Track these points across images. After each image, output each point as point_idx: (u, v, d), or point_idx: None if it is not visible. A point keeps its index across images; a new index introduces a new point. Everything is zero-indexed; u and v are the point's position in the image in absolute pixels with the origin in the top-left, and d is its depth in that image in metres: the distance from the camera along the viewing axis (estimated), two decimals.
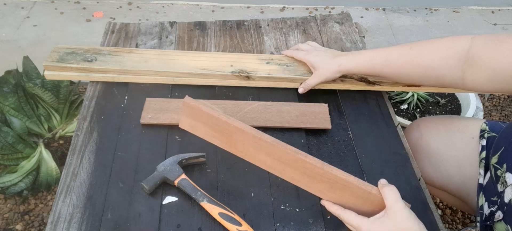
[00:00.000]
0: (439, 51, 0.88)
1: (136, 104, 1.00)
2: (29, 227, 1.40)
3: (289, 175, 0.77)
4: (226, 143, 0.79)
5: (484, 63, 0.81)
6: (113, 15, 2.44)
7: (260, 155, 0.76)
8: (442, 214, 1.51)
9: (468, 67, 0.85)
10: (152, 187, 0.82)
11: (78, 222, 0.78)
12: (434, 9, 2.64)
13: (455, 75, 0.87)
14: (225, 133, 0.78)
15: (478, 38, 0.84)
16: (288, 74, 1.07)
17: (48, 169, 1.44)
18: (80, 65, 1.05)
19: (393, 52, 0.94)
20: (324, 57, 1.02)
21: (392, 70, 0.94)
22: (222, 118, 0.76)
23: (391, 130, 0.99)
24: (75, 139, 0.93)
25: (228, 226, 0.76)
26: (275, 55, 1.15)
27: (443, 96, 1.52)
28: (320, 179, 0.74)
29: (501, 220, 0.80)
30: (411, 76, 0.93)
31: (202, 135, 0.81)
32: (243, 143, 0.77)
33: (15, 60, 1.61)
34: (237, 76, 1.06)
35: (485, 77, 0.82)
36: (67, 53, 1.09)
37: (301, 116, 0.98)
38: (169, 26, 1.28)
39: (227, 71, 1.06)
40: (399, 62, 0.93)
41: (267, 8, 2.58)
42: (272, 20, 1.34)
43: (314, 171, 0.74)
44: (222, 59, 1.11)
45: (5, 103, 1.40)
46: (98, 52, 1.10)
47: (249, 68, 1.08)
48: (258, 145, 0.75)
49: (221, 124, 0.76)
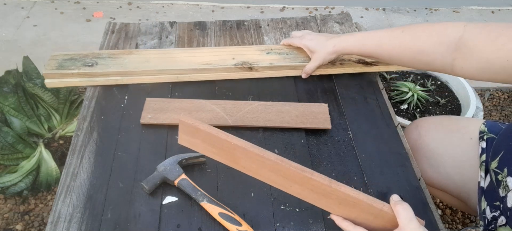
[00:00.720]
0: (430, 37, 0.89)
1: (136, 104, 1.00)
2: (29, 227, 1.40)
3: (296, 191, 0.74)
4: (227, 159, 0.76)
5: (476, 53, 0.82)
6: (113, 15, 2.44)
7: (264, 171, 0.74)
8: (442, 214, 1.51)
9: (458, 55, 0.85)
10: (152, 187, 0.82)
11: (78, 222, 0.78)
12: (434, 9, 2.64)
13: (445, 61, 0.88)
14: (225, 149, 0.75)
15: (471, 26, 0.84)
16: (289, 62, 1.10)
17: (48, 169, 1.44)
18: (82, 70, 1.04)
19: (385, 34, 0.96)
20: (319, 40, 1.07)
21: (383, 52, 0.97)
22: (221, 136, 0.72)
23: (391, 130, 0.99)
24: (75, 139, 0.93)
25: (228, 226, 0.76)
26: (274, 45, 1.18)
27: (443, 96, 1.52)
28: (328, 195, 0.72)
29: (505, 224, 0.80)
30: (402, 58, 0.95)
31: (202, 151, 0.77)
32: (245, 159, 0.74)
33: (15, 60, 1.61)
34: (240, 68, 1.08)
35: (476, 66, 0.83)
36: (66, 59, 1.08)
37: (301, 115, 0.98)
38: (169, 26, 1.28)
39: (230, 64, 1.08)
40: (390, 45, 0.95)
41: (267, 8, 2.58)
42: (272, 20, 1.34)
43: (322, 188, 0.71)
44: (223, 53, 1.12)
45: (5, 103, 1.40)
46: (97, 56, 1.09)
47: (251, 59, 1.10)
48: (261, 162, 0.73)
49: (221, 141, 0.73)
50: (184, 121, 0.74)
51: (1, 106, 1.40)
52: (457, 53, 0.85)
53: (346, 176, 0.88)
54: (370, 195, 0.85)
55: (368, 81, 1.12)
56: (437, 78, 1.60)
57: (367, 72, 1.15)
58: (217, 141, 0.73)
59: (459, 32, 0.85)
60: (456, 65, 0.87)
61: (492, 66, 0.80)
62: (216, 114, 0.97)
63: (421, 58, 0.91)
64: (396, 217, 0.69)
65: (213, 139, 0.74)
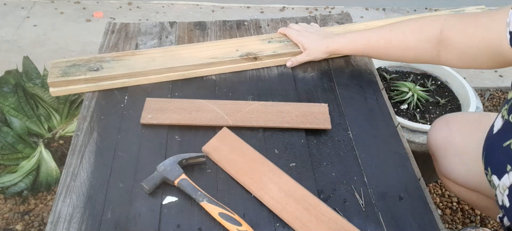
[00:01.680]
0: (414, 34, 0.97)
1: (136, 104, 1.00)
2: (29, 227, 1.40)
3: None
4: (243, 168, 0.86)
5: (454, 44, 0.89)
6: (113, 15, 2.44)
7: (272, 187, 0.83)
8: (442, 214, 1.51)
9: (441, 47, 0.93)
10: (152, 187, 0.82)
11: (78, 222, 0.78)
12: (434, 9, 2.64)
13: (431, 54, 0.96)
14: (247, 158, 0.88)
15: (449, 19, 0.91)
16: (291, 48, 1.16)
17: (48, 169, 1.44)
18: (88, 75, 1.02)
19: (374, 35, 1.03)
20: (314, 39, 1.14)
21: (373, 51, 1.05)
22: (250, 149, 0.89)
23: (391, 130, 0.99)
24: (75, 139, 0.93)
25: (228, 226, 0.76)
26: (273, 34, 1.23)
27: (443, 96, 1.52)
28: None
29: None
30: (390, 55, 1.03)
31: (222, 157, 0.88)
32: (260, 171, 0.85)
33: (15, 60, 1.61)
34: (245, 59, 1.12)
35: (456, 56, 0.91)
36: (68, 66, 1.05)
37: (301, 116, 0.98)
38: (169, 26, 1.28)
39: (235, 56, 1.12)
40: (378, 44, 1.02)
41: (267, 8, 2.58)
42: (272, 20, 1.34)
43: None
44: (226, 46, 1.16)
45: (5, 103, 1.40)
46: (100, 60, 1.08)
47: (254, 49, 1.14)
48: (278, 178, 0.84)
49: (249, 151, 0.89)
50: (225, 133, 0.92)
51: (1, 106, 1.40)
52: (441, 46, 0.93)
53: (346, 176, 0.88)
54: (370, 195, 0.85)
55: (368, 81, 1.12)
56: (437, 78, 1.60)
57: (367, 72, 1.15)
58: (246, 150, 0.89)
59: (439, 26, 0.92)
60: (441, 56, 0.94)
61: (468, 55, 0.88)
62: (216, 114, 0.97)
63: (408, 53, 0.99)
64: None
65: (241, 147, 0.89)
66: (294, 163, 0.90)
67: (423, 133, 1.38)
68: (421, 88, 1.53)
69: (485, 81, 2.11)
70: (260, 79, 1.11)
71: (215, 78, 1.10)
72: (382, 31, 1.01)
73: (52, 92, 1.03)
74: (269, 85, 1.09)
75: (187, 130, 0.95)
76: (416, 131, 1.38)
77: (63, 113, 1.53)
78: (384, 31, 1.01)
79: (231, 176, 0.86)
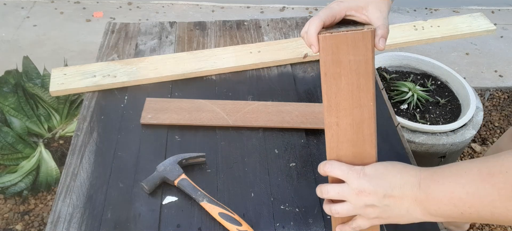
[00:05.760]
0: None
1: (136, 105, 1.00)
2: (29, 227, 1.40)
3: None
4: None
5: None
6: (113, 15, 2.44)
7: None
8: None
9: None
10: (152, 187, 0.82)
11: (78, 222, 0.78)
12: (434, 9, 2.64)
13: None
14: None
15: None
16: None
17: (48, 169, 1.44)
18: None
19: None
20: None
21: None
22: None
23: (391, 130, 0.99)
24: (75, 139, 0.93)
25: (228, 226, 0.76)
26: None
27: (443, 96, 1.52)
28: None
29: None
30: None
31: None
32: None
33: (15, 60, 1.61)
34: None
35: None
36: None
37: (301, 116, 0.98)
38: (169, 26, 1.28)
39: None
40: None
41: (267, 8, 2.58)
42: (272, 20, 1.34)
43: None
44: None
45: (5, 103, 1.40)
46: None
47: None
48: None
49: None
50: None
51: (1, 106, 1.40)
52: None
53: None
54: None
55: None
56: (437, 78, 1.60)
57: None
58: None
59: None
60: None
61: None
62: (216, 114, 0.97)
63: None
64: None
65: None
66: (294, 163, 0.90)
67: (423, 133, 1.38)
68: (421, 88, 1.53)
69: (485, 81, 2.10)
70: (260, 79, 1.11)
71: (215, 78, 1.10)
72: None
73: (52, 92, 1.05)
74: (269, 85, 1.09)
75: (187, 130, 0.95)
76: (416, 131, 1.38)
77: (63, 113, 1.53)
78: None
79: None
